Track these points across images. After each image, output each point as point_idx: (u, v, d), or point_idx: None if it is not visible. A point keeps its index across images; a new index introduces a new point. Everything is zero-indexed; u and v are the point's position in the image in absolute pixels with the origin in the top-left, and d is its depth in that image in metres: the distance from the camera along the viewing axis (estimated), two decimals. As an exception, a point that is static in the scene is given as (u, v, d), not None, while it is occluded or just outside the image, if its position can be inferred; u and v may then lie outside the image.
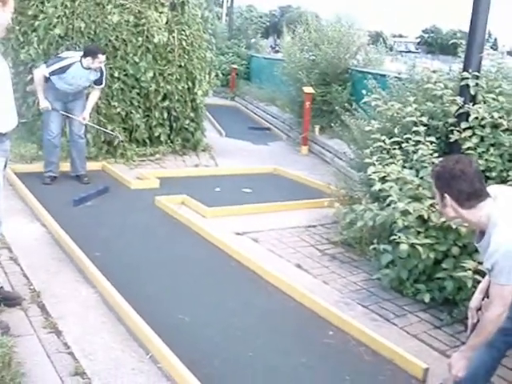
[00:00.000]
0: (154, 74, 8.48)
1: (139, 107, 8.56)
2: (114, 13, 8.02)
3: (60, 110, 6.89)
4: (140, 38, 8.28)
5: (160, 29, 8.35)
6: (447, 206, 2.68)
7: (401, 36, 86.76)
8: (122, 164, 8.16)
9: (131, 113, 8.42)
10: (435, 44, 75.63)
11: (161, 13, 8.51)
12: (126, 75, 8.28)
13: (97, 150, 8.09)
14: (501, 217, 2.56)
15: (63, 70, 6.65)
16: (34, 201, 6.05)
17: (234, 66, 17.51)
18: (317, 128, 10.87)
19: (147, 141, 8.79)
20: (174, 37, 8.67)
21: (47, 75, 6.66)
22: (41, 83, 6.73)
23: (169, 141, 9.09)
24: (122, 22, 8.13)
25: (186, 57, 8.87)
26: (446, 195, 2.65)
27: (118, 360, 3.42)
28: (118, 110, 8.23)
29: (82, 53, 6.82)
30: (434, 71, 5.49)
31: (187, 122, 9.12)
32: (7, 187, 6.64)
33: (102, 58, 6.79)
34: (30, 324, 3.73)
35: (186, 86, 8.94)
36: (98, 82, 7.03)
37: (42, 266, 4.65)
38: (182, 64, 8.83)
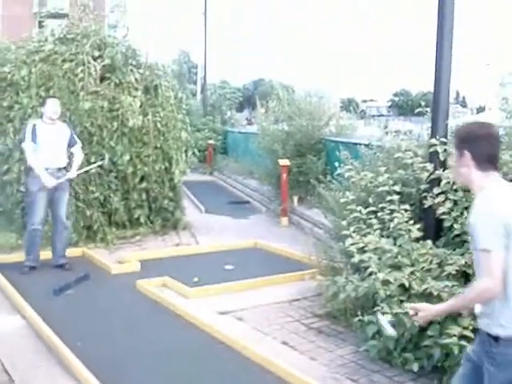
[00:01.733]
0: (131, 156, 8.57)
1: (117, 190, 8.59)
2: (86, 100, 8.15)
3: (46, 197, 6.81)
4: (115, 123, 8.41)
5: (134, 112, 8.48)
6: (464, 165, 2.74)
7: (372, 100, 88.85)
8: (103, 248, 8.11)
9: (109, 196, 8.45)
10: (405, 106, 77.51)
11: (134, 97, 8.67)
12: (102, 160, 8.34)
13: (77, 236, 8.05)
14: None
15: (34, 134, 6.71)
16: (13, 292, 5.96)
17: (211, 142, 17.76)
18: (295, 199, 10.96)
19: (127, 223, 8.78)
20: (148, 119, 8.80)
21: (31, 145, 6.70)
22: (35, 162, 6.70)
23: (149, 221, 9.08)
24: (96, 107, 8.26)
25: (162, 138, 8.98)
26: (466, 152, 2.70)
27: None
28: (96, 194, 8.25)
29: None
30: (403, 139, 5.64)
31: (166, 201, 9.16)
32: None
33: (50, 101, 6.90)
34: (10, 425, 3.63)
35: (163, 167, 9.03)
36: (71, 144, 7.05)
37: (23, 360, 4.55)
38: (158, 145, 8.94)
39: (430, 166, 5.01)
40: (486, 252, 2.57)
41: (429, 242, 4.78)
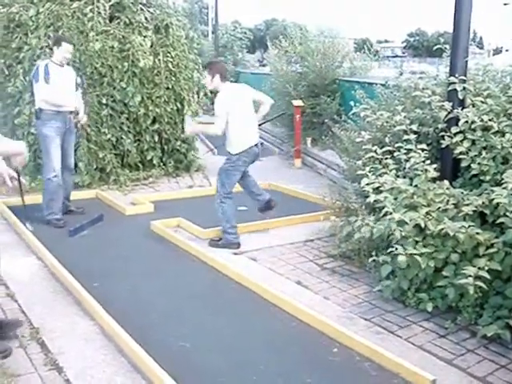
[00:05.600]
0: (142, 97, 8.48)
1: (129, 132, 8.55)
2: (96, 40, 8.00)
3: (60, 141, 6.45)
4: (126, 63, 8.28)
5: (145, 53, 8.34)
6: (215, 81, 5.80)
7: (387, 41, 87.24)
8: (116, 190, 8.12)
9: (122, 138, 8.41)
10: (421, 47, 76.07)
11: (145, 36, 8.51)
12: (113, 101, 8.26)
13: (90, 178, 8.06)
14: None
15: (47, 74, 6.24)
16: (28, 233, 6.00)
17: (223, 83, 17.51)
18: (309, 140, 10.87)
19: (140, 165, 8.78)
20: (159, 60, 8.68)
21: (45, 86, 6.25)
22: (55, 99, 6.32)
23: (161, 163, 9.08)
24: (106, 48, 8.12)
25: (173, 78, 8.88)
26: (216, 74, 5.77)
27: (120, 394, 3.37)
28: (109, 136, 8.20)
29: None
30: (421, 77, 5.49)
31: (178, 143, 9.12)
32: (1, 221, 6.62)
33: (66, 46, 6.34)
34: (30, 362, 3.67)
35: (175, 108, 8.95)
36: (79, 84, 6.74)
37: (40, 300, 4.59)
38: (170, 86, 8.84)
39: (448, 105, 4.89)
40: (217, 116, 5.62)
41: (445, 182, 4.70)
